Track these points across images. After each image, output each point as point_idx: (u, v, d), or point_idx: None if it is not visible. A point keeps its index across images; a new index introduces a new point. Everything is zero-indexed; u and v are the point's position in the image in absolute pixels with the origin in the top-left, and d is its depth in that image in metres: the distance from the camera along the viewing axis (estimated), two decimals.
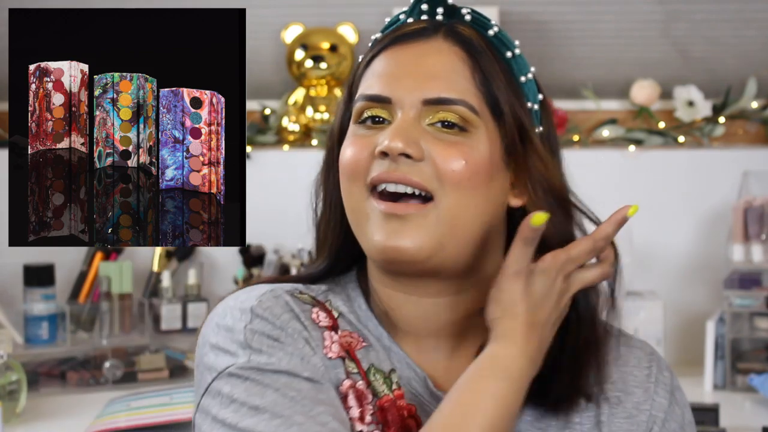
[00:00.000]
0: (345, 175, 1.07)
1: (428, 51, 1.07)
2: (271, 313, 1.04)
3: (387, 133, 1.05)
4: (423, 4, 1.11)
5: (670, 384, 1.13)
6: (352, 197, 1.07)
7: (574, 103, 2.75)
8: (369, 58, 1.10)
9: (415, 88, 1.05)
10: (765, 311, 2.43)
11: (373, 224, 1.04)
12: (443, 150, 1.04)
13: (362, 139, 1.07)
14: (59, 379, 2.43)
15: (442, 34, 1.08)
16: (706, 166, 2.68)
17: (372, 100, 1.07)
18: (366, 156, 1.06)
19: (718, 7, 2.68)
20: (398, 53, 1.08)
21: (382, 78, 1.07)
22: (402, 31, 1.09)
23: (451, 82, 1.06)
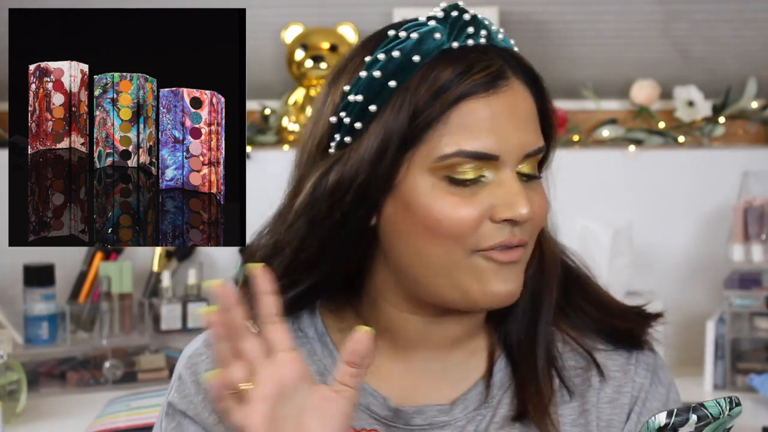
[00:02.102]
0: (446, 237, 1.02)
1: (516, 97, 1.04)
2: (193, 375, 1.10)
3: (509, 198, 1.02)
4: (469, 27, 1.04)
5: (653, 364, 1.13)
6: (449, 255, 1.03)
7: (574, 103, 2.75)
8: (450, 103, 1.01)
9: (519, 143, 1.03)
10: (765, 311, 2.43)
11: (484, 276, 1.03)
12: (538, 201, 1.05)
13: (464, 199, 1.02)
14: (59, 379, 2.43)
15: (511, 72, 1.04)
16: (706, 166, 2.68)
17: (479, 157, 1.01)
18: (475, 218, 1.02)
19: (718, 7, 2.68)
20: (492, 102, 1.02)
21: (489, 134, 1.01)
22: (484, 74, 1.02)
23: (537, 128, 1.06)
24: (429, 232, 1.02)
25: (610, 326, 1.13)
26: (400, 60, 1.02)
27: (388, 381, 1.10)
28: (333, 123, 1.04)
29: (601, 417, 1.10)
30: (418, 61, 1.02)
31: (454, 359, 1.11)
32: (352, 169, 1.03)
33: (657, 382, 1.12)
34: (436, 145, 1.01)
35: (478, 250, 1.02)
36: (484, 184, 1.02)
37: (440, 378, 1.10)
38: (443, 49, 1.03)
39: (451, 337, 1.10)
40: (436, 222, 1.01)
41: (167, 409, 1.11)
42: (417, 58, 1.02)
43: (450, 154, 1.01)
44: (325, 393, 0.96)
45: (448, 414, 1.09)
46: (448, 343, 1.10)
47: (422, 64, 1.02)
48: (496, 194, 1.02)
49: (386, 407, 1.08)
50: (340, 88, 1.04)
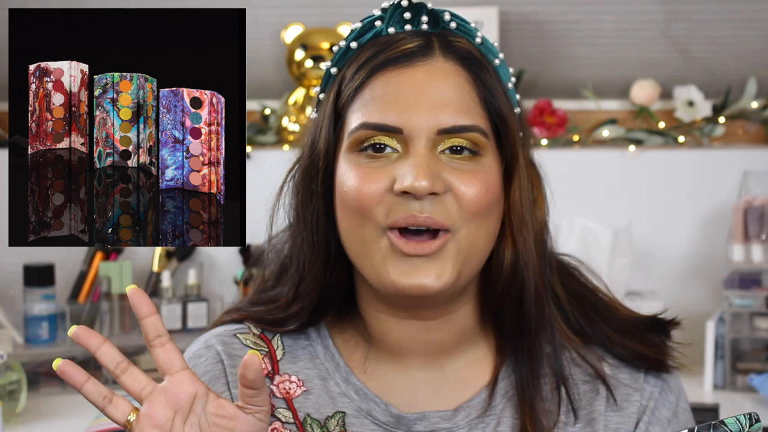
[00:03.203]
0: (353, 211, 1.03)
1: (433, 74, 1.03)
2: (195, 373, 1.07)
3: (407, 169, 1.00)
4: (406, 13, 1.06)
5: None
6: (360, 233, 1.03)
7: (574, 103, 2.75)
8: (363, 79, 1.04)
9: (429, 117, 1.01)
10: (765, 311, 2.43)
11: (391, 263, 1.01)
12: (464, 180, 1.02)
13: (370, 172, 1.02)
14: (59, 379, 2.43)
15: (439, 51, 1.05)
16: (706, 166, 2.68)
17: (380, 129, 1.02)
18: (378, 191, 1.02)
19: (718, 7, 2.68)
20: (400, 77, 1.03)
21: (390, 106, 1.02)
22: (398, 50, 1.04)
23: (462, 108, 1.03)
24: (343, 206, 1.04)
25: (634, 352, 1.10)
26: (343, 49, 1.08)
27: (389, 387, 1.09)
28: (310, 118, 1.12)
29: (608, 426, 1.09)
30: (354, 48, 1.07)
31: (452, 366, 1.10)
32: (304, 160, 1.09)
33: (667, 389, 1.12)
34: (349, 122, 1.04)
35: (386, 227, 1.01)
36: (392, 159, 1.02)
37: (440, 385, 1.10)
38: (379, 35, 1.06)
39: (441, 342, 1.09)
40: (344, 194, 1.03)
41: None
42: (354, 45, 1.07)
43: (355, 127, 1.03)
44: (231, 409, 0.96)
45: (450, 421, 1.08)
46: (440, 349, 1.09)
47: (357, 50, 1.06)
48: (401, 166, 1.01)
49: (388, 413, 1.08)
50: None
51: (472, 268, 1.04)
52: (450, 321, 1.08)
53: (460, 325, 1.09)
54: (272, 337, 1.12)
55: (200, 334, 1.20)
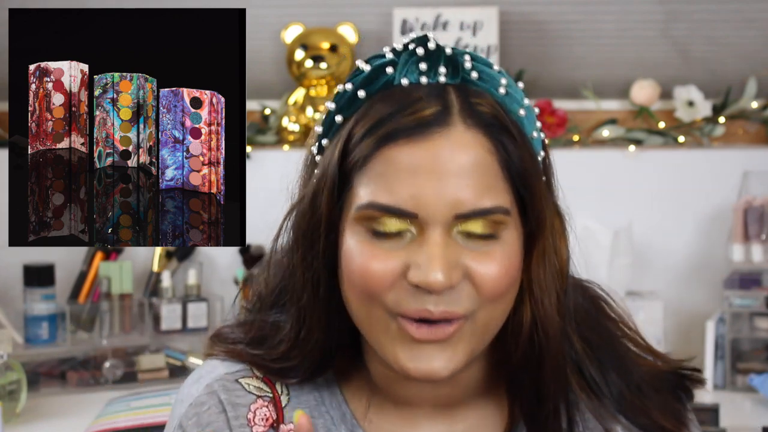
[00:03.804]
0: (360, 292, 0.94)
1: (452, 148, 0.91)
2: (197, 423, 1.02)
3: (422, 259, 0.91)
4: (422, 63, 0.94)
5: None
6: (368, 313, 0.95)
7: (574, 103, 2.75)
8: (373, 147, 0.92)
9: (446, 202, 0.91)
10: (765, 311, 2.43)
11: (401, 348, 0.94)
12: (482, 263, 0.93)
13: (381, 253, 0.93)
14: (59, 379, 2.43)
15: (459, 117, 0.93)
16: (706, 166, 2.68)
17: (392, 212, 0.92)
18: (389, 276, 0.92)
19: (718, 7, 2.68)
20: (415, 149, 0.91)
21: (403, 186, 0.91)
22: (413, 118, 0.92)
23: (483, 186, 0.92)
24: (350, 284, 0.95)
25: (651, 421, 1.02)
26: (349, 94, 0.96)
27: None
28: (313, 153, 1.02)
29: None
30: (362, 97, 0.95)
31: (462, 420, 1.04)
32: (301, 206, 0.99)
33: None
34: (357, 193, 0.94)
35: (397, 313, 0.93)
36: (408, 240, 0.93)
37: None
38: (392, 85, 0.95)
39: (450, 396, 1.03)
40: (350, 273, 0.94)
41: None
42: (362, 94, 0.95)
43: (364, 205, 0.93)
44: None
45: None
46: (449, 402, 1.04)
47: (366, 100, 0.95)
48: (416, 253, 0.92)
49: None
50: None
51: (485, 344, 0.98)
52: (460, 378, 1.01)
53: (471, 381, 1.03)
54: (276, 382, 1.06)
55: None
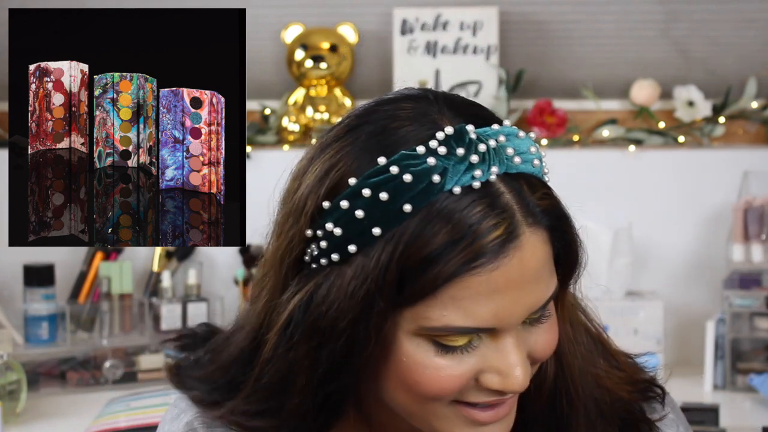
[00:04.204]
0: (427, 398, 0.90)
1: (526, 258, 0.87)
2: None
3: (502, 368, 0.88)
4: (476, 171, 0.86)
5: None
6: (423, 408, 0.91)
7: (574, 103, 2.75)
8: (447, 277, 0.85)
9: (526, 309, 0.88)
10: (765, 311, 2.43)
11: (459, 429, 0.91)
12: (542, 343, 0.91)
13: (450, 363, 0.88)
14: (59, 379, 2.43)
15: (523, 221, 0.87)
16: (706, 166, 2.68)
17: (473, 332, 0.88)
18: (460, 384, 0.89)
19: (718, 7, 2.68)
20: (494, 273, 0.86)
21: (483, 308, 0.86)
22: (488, 242, 0.85)
23: (549, 280, 0.90)
24: (405, 388, 0.90)
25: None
26: (388, 206, 0.86)
27: None
28: (309, 236, 0.90)
29: None
30: (408, 211, 0.85)
31: None
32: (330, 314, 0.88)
33: None
34: (423, 314, 0.87)
35: (457, 401, 0.91)
36: (476, 348, 0.89)
37: None
38: (442, 193, 0.86)
39: None
40: (416, 383, 0.89)
41: None
42: (408, 208, 0.85)
43: (436, 327, 0.87)
44: None
45: None
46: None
47: (414, 213, 0.85)
48: (489, 359, 0.89)
49: None
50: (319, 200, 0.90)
51: None
52: None
53: None
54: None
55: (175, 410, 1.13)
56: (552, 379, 0.97)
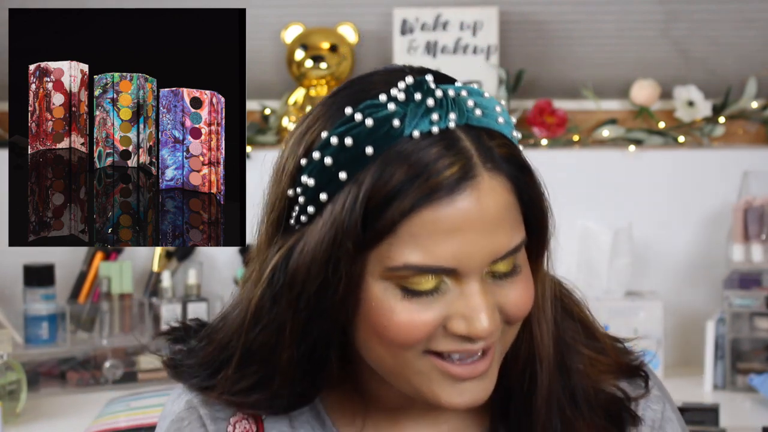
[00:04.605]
0: (391, 345, 0.93)
1: (484, 198, 0.90)
2: None
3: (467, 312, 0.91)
4: (433, 114, 0.91)
5: (660, 419, 1.06)
6: (396, 358, 0.94)
7: (574, 103, 2.75)
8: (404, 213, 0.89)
9: (484, 253, 0.91)
10: (765, 311, 2.43)
11: (435, 384, 0.94)
12: (513, 298, 0.94)
13: (417, 307, 0.91)
14: (59, 379, 2.43)
15: (481, 165, 0.91)
16: (706, 166, 2.68)
17: (433, 272, 0.90)
18: (427, 329, 0.92)
19: (718, 7, 2.68)
20: (450, 209, 0.89)
21: (444, 247, 0.90)
22: (441, 178, 0.89)
23: (513, 227, 0.93)
24: (377, 335, 0.93)
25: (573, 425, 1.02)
26: (352, 151, 0.91)
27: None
28: (290, 197, 0.95)
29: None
30: (371, 154, 0.90)
31: (445, 422, 1.05)
32: (304, 266, 0.93)
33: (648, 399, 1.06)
34: (387, 254, 0.91)
35: (429, 351, 0.93)
36: (443, 294, 0.92)
37: None
38: (402, 138, 0.91)
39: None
40: (383, 328, 0.92)
41: None
42: (370, 150, 0.90)
43: (399, 266, 0.90)
44: None
45: None
46: (435, 407, 1.02)
47: (376, 156, 0.90)
48: (455, 305, 0.92)
49: None
50: (297, 159, 0.95)
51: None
52: None
53: None
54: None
55: None
56: (525, 351, 0.99)
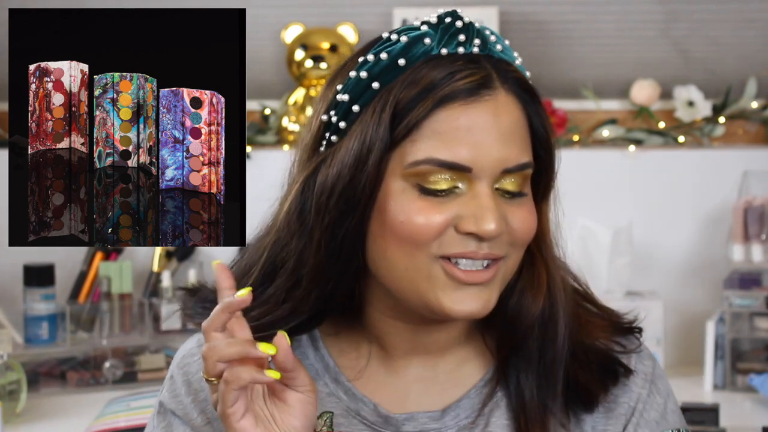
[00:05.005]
0: (405, 242, 1.01)
1: (499, 109, 1.01)
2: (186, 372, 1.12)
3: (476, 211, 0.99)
4: (460, 35, 1.02)
5: (651, 373, 1.12)
6: (411, 260, 1.01)
7: (574, 103, 2.75)
8: (429, 109, 1.00)
9: (498, 156, 1.00)
10: (765, 311, 2.43)
11: (443, 291, 1.01)
12: (518, 216, 1.02)
13: (431, 207, 1.00)
14: (59, 379, 2.43)
15: (499, 82, 1.02)
16: (706, 166, 2.68)
17: (449, 167, 0.99)
18: (439, 227, 1.00)
19: (718, 7, 2.68)
20: (469, 111, 1.00)
21: (461, 143, 0.99)
22: (465, 82, 1.00)
23: (523, 144, 1.02)
24: (393, 234, 1.01)
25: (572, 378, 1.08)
26: (386, 62, 1.02)
27: (379, 388, 1.10)
28: (324, 121, 1.05)
29: (596, 428, 1.09)
30: (403, 65, 1.01)
31: (444, 366, 1.10)
32: (334, 172, 1.02)
33: (655, 392, 1.11)
34: (410, 150, 1.00)
35: (440, 256, 1.01)
36: (456, 195, 1.01)
37: (431, 385, 1.10)
38: (431, 54, 1.02)
39: (439, 343, 1.10)
40: (399, 224, 1.00)
41: (158, 408, 1.13)
42: (402, 62, 1.02)
43: (420, 160, 1.00)
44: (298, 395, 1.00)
45: (438, 421, 1.08)
46: (436, 349, 1.10)
47: (407, 67, 1.01)
48: (466, 206, 1.00)
49: (377, 414, 1.08)
50: (334, 87, 1.05)
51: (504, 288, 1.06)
52: (452, 325, 1.09)
53: (459, 326, 1.10)
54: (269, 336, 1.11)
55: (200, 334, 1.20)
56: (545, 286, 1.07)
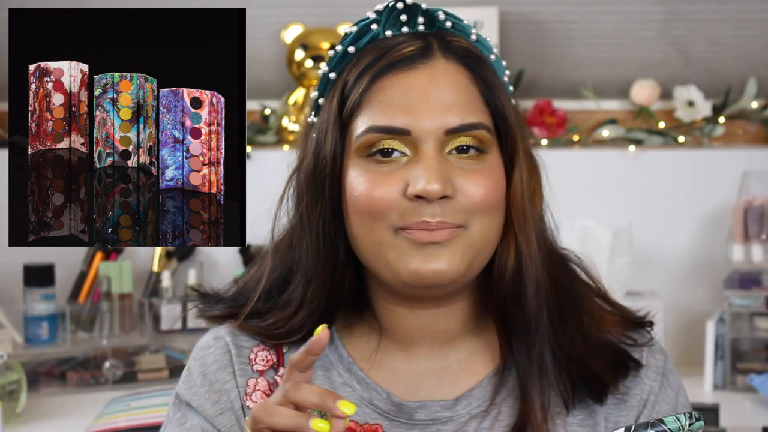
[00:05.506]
0: (365, 215, 1.05)
1: (436, 75, 1.05)
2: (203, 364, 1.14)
3: (419, 173, 1.03)
4: (402, 15, 1.08)
5: (663, 367, 1.13)
6: (372, 235, 1.05)
7: (574, 103, 2.75)
8: (367, 84, 1.06)
9: (435, 118, 1.04)
10: (765, 311, 2.43)
11: (406, 254, 1.04)
12: (472, 181, 1.04)
13: (381, 177, 1.05)
14: (59, 379, 2.43)
15: (440, 52, 1.07)
16: (706, 166, 2.68)
17: (388, 132, 1.04)
18: (390, 195, 1.04)
19: (718, 7, 2.68)
20: (404, 80, 1.05)
21: (397, 109, 1.04)
22: (399, 54, 1.06)
23: (467, 106, 1.05)
24: (354, 211, 1.06)
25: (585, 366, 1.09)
26: (340, 53, 1.10)
27: (392, 376, 1.11)
28: (309, 122, 1.12)
29: (608, 419, 1.10)
30: (352, 52, 1.08)
31: (456, 356, 1.12)
32: (304, 163, 1.10)
33: (666, 385, 1.13)
34: (356, 126, 1.06)
35: (399, 227, 1.04)
36: (402, 163, 1.05)
37: (443, 375, 1.11)
38: (377, 38, 1.08)
39: (448, 331, 1.11)
40: (355, 199, 1.05)
41: (175, 399, 1.15)
42: (352, 49, 1.08)
43: (363, 131, 1.05)
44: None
45: (451, 410, 1.10)
46: (447, 338, 1.11)
47: (356, 54, 1.08)
48: (413, 170, 1.04)
49: (389, 402, 1.10)
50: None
51: (482, 260, 1.07)
52: (455, 311, 1.11)
53: (464, 315, 1.11)
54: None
55: (200, 334, 1.21)
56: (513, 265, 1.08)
